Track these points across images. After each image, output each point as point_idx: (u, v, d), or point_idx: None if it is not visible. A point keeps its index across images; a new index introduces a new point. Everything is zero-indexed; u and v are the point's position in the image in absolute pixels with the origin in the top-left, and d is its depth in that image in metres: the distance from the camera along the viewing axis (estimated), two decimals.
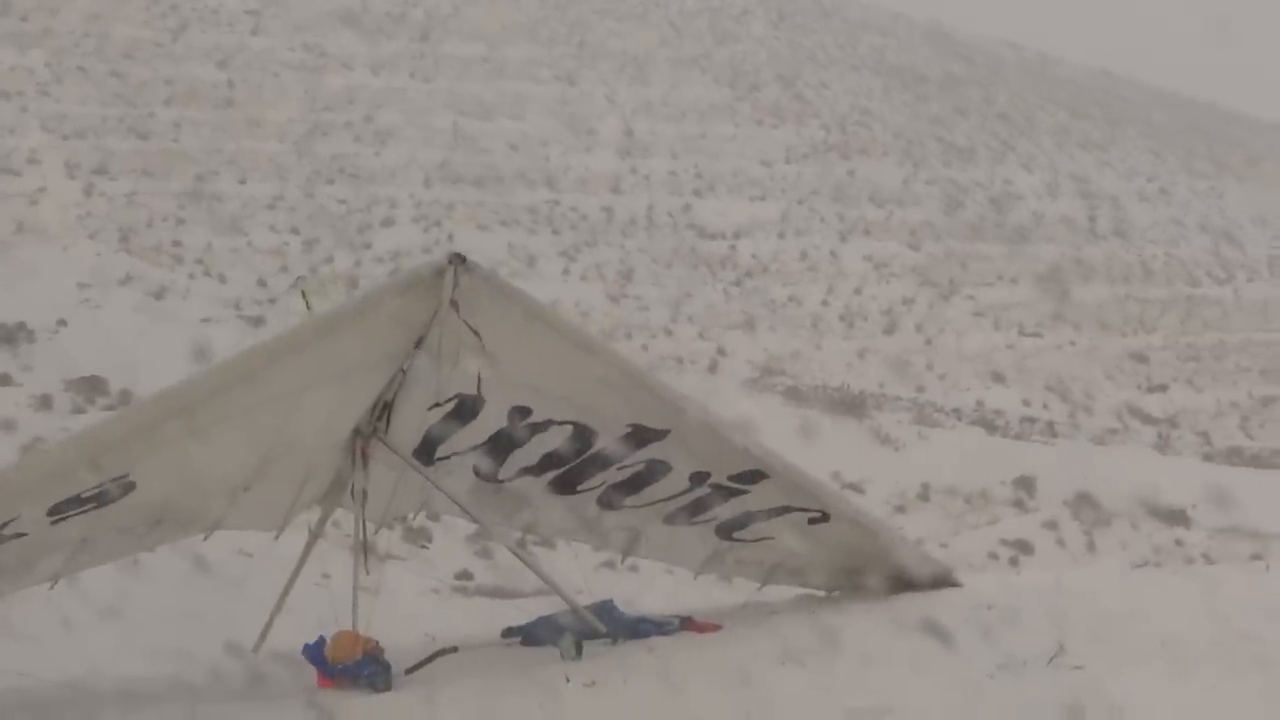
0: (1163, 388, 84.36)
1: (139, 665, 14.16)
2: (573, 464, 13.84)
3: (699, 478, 13.83)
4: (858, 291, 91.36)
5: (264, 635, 14.59)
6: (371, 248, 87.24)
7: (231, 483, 13.65)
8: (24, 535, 12.39)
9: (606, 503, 14.52)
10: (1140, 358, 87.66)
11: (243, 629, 14.67)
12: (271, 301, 71.27)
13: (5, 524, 12.05)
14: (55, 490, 11.97)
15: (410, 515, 16.84)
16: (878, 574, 14.83)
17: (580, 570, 15.06)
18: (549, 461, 13.93)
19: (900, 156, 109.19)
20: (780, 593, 15.92)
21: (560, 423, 13.35)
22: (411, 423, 13.63)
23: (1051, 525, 45.07)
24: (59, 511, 12.20)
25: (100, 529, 12.99)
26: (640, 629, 14.22)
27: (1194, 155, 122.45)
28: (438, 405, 13.28)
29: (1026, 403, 79.06)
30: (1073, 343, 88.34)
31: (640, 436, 13.34)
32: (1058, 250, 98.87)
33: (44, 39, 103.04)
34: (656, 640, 13.94)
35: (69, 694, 13.21)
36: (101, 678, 13.79)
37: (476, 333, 11.96)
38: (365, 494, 13.92)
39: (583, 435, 13.46)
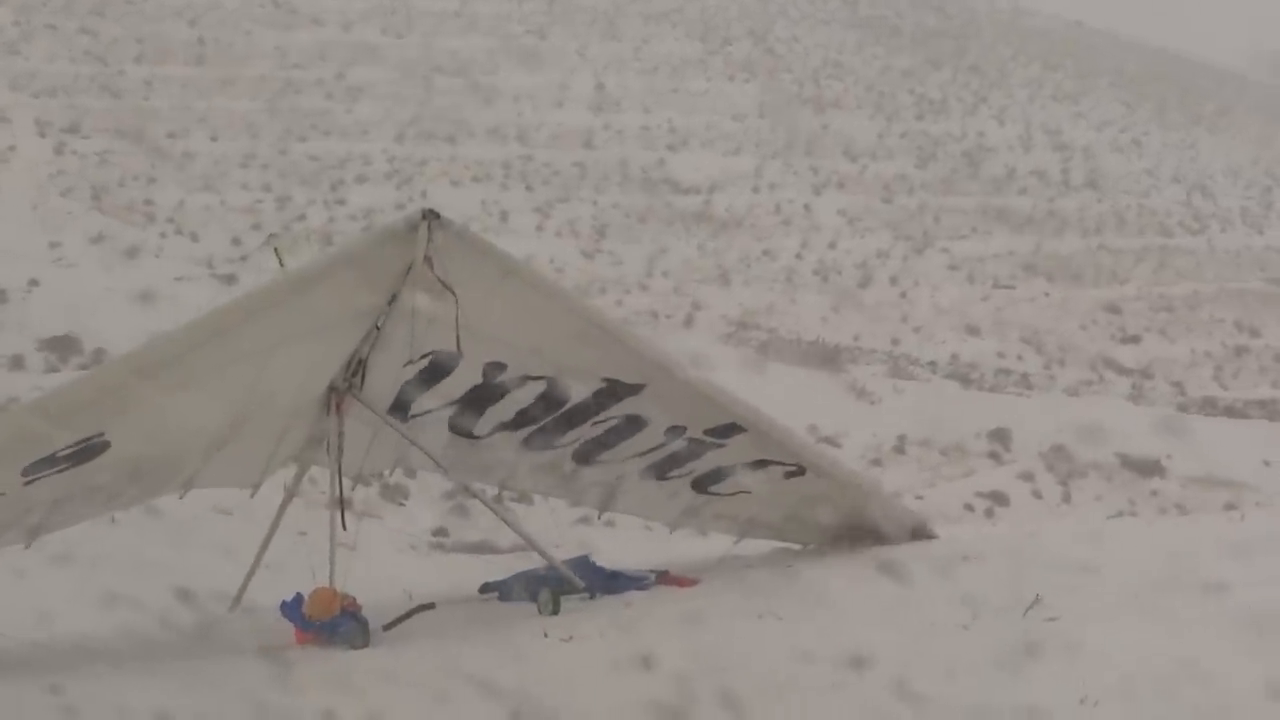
0: (1136, 339, 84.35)
1: (93, 614, 14.12)
2: (548, 419, 13.84)
3: (675, 432, 13.84)
4: (832, 245, 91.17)
5: (241, 592, 14.60)
6: (345, 204, 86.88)
7: (206, 440, 13.62)
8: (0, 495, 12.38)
9: (583, 458, 14.53)
10: (1114, 309, 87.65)
11: (195, 576, 14.69)
12: (244, 259, 70.92)
13: None
14: (28, 451, 11.94)
15: (386, 471, 16.84)
16: (854, 527, 14.88)
17: (556, 526, 15.08)
18: (524, 417, 13.92)
19: (873, 110, 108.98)
20: (756, 546, 15.96)
21: (535, 378, 13.35)
22: (386, 379, 13.61)
23: (1027, 477, 45.15)
24: (33, 472, 12.17)
25: (75, 488, 12.96)
26: (617, 584, 14.26)
27: (1166, 106, 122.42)
28: (412, 362, 13.25)
29: (1001, 355, 79.05)
30: (1046, 294, 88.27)
31: (615, 391, 13.34)
32: (1031, 202, 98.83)
33: None
34: (633, 595, 13.98)
35: (27, 650, 13.17)
36: (56, 630, 13.75)
37: (450, 289, 11.93)
38: (341, 450, 13.92)
39: (558, 390, 13.46)
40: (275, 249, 13.61)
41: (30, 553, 14.05)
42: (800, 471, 14.17)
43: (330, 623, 13.00)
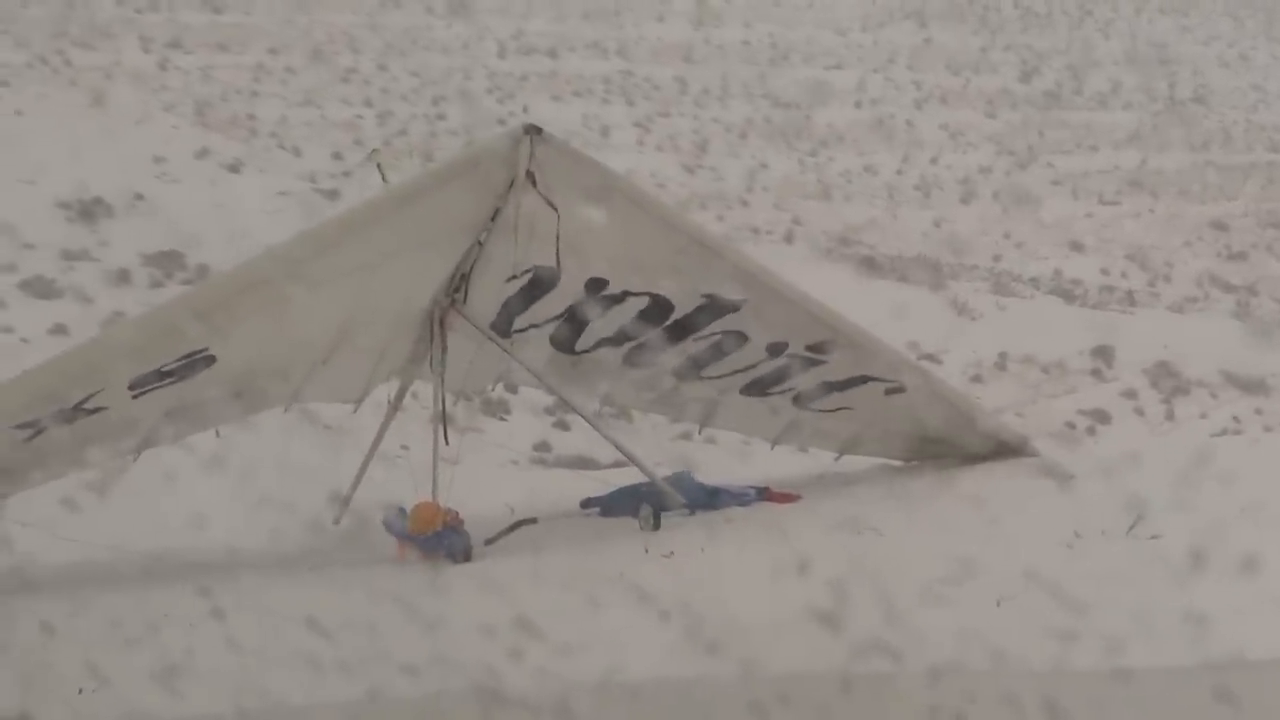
0: (1243, 255, 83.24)
1: (244, 518, 14.23)
2: (649, 335, 13.82)
3: (776, 348, 13.80)
4: (934, 161, 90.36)
5: (344, 506, 14.69)
6: (446, 119, 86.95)
7: (310, 355, 13.70)
8: (105, 409, 12.49)
9: (684, 374, 14.52)
10: (1220, 225, 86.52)
11: (347, 481, 14.75)
12: (346, 175, 71.17)
13: (88, 398, 12.15)
14: (137, 364, 12.05)
15: (488, 387, 16.89)
16: (954, 444, 14.82)
17: (657, 441, 15.09)
18: (625, 333, 13.90)
19: (977, 24, 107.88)
20: (857, 463, 15.92)
21: (637, 294, 13.32)
22: (489, 295, 13.62)
23: (1130, 394, 44.79)
24: (140, 386, 12.29)
25: (181, 403, 13.08)
26: (718, 499, 14.25)
27: (1275, 19, 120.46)
28: (514, 278, 13.26)
29: (1105, 271, 78.23)
30: (1152, 211, 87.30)
31: (717, 307, 13.30)
32: (1136, 117, 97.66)
33: None
34: (734, 511, 13.98)
35: (179, 553, 13.31)
36: (208, 533, 13.85)
37: (552, 204, 11.92)
38: (444, 365, 13.97)
39: (659, 307, 13.42)
40: (378, 165, 13.64)
41: (183, 456, 14.15)
42: (901, 388, 14.11)
43: (432, 537, 13.08)
